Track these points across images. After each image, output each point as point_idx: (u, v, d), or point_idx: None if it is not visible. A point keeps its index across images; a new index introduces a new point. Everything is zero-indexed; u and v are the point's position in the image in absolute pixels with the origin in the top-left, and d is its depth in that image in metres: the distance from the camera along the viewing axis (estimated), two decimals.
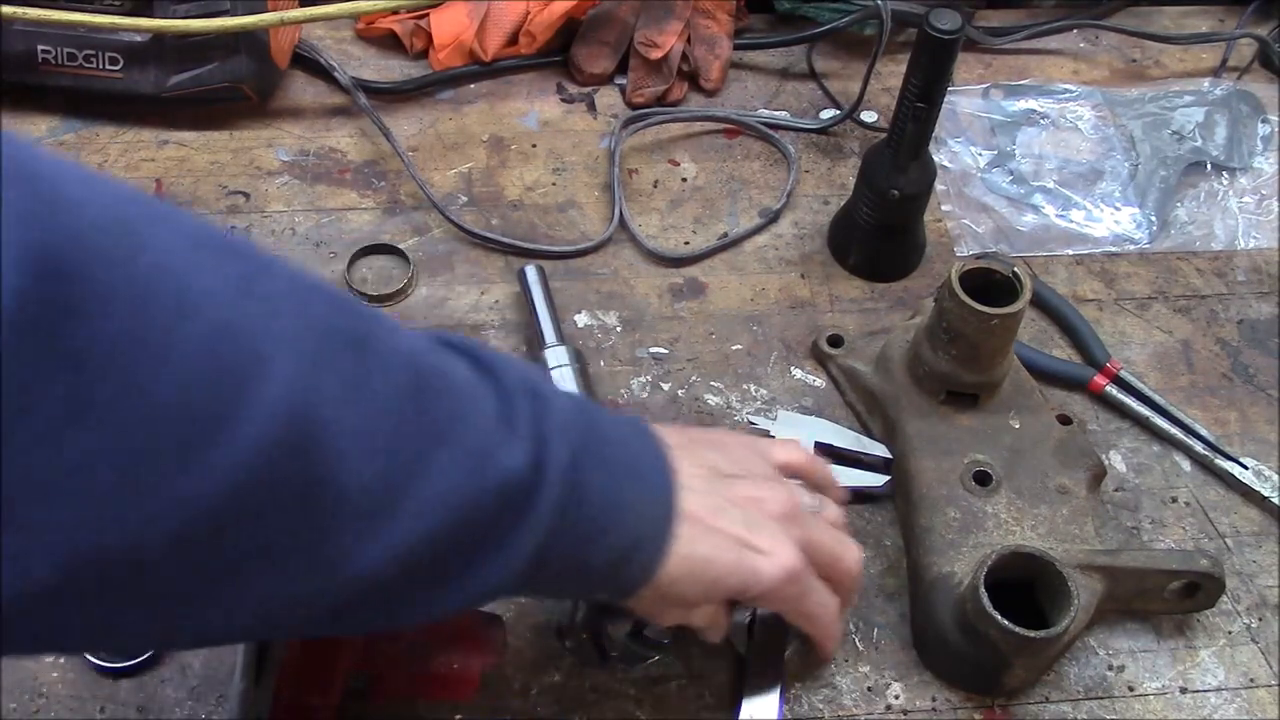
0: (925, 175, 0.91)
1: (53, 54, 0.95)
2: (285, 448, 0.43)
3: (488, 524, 0.52)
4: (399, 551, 0.49)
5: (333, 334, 0.47)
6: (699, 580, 0.63)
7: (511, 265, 0.94)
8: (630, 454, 0.62)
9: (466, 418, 0.52)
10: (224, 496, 0.42)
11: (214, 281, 0.43)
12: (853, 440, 0.85)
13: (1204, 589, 0.76)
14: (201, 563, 0.43)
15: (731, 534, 0.63)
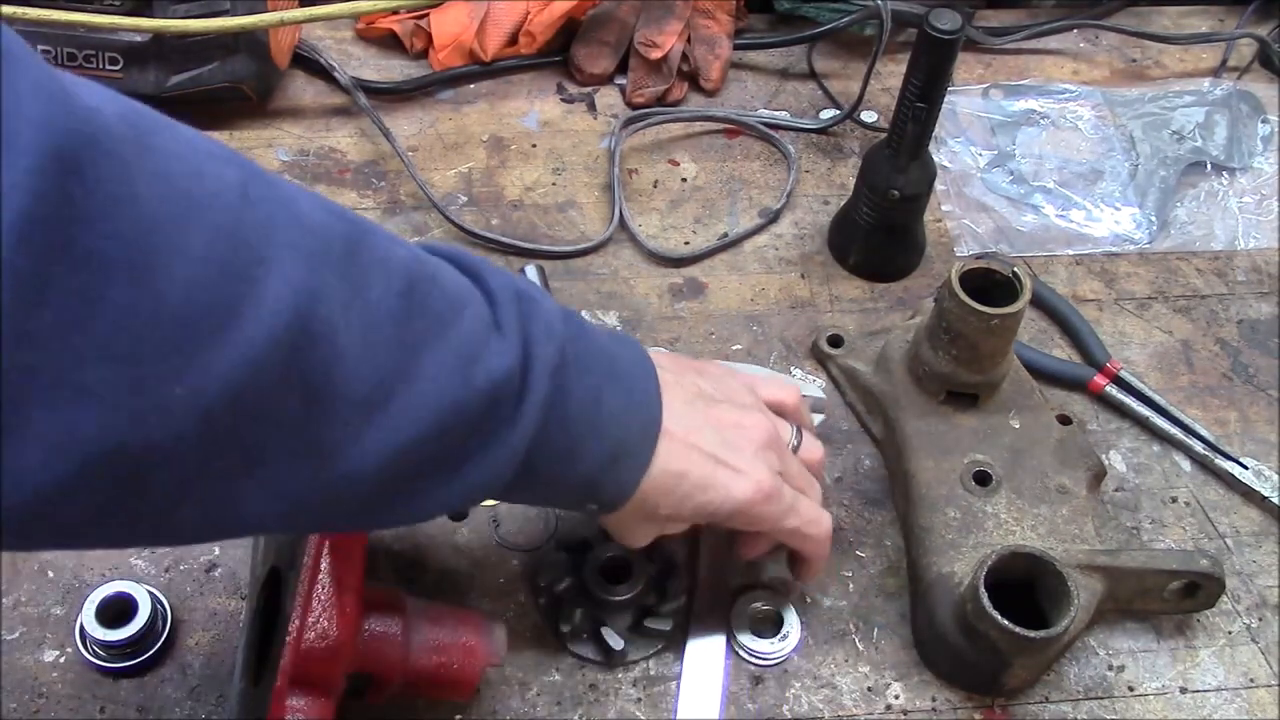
0: (925, 175, 0.91)
1: (53, 54, 0.95)
2: (288, 345, 0.45)
3: (476, 422, 0.54)
4: (393, 447, 0.50)
5: (330, 238, 0.49)
6: (671, 494, 0.64)
7: (511, 265, 0.94)
8: (618, 365, 0.63)
9: (457, 320, 0.54)
10: (232, 391, 0.43)
11: (216, 185, 0.45)
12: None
13: (1204, 589, 0.76)
14: (210, 455, 0.45)
15: (706, 451, 0.65)
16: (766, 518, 0.68)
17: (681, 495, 0.65)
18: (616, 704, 0.74)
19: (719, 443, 0.66)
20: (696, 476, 0.65)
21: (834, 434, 0.87)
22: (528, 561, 0.79)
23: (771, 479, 0.67)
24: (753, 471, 0.66)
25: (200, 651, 0.74)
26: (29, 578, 0.76)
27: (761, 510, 0.67)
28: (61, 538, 0.47)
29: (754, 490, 0.66)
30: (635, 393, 0.63)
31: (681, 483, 0.65)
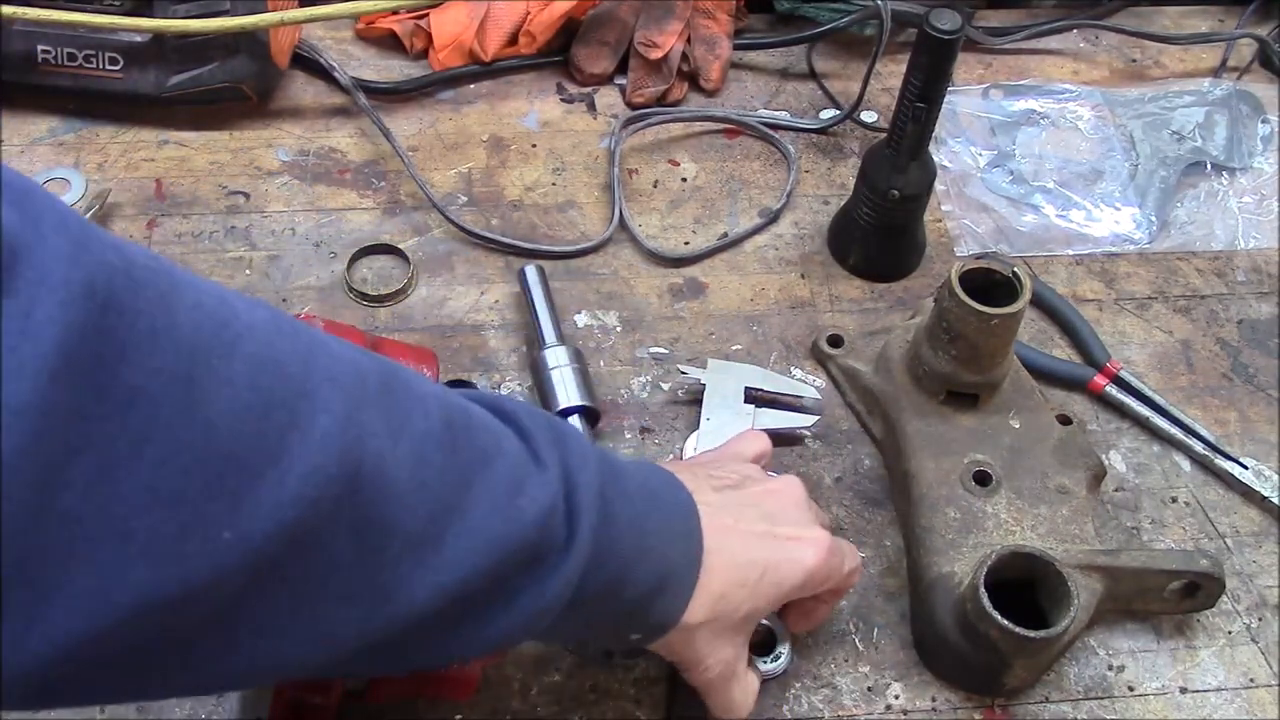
0: (925, 175, 0.91)
1: (53, 54, 0.95)
2: (338, 482, 0.43)
3: (526, 556, 0.52)
4: (445, 587, 0.49)
5: (364, 373, 0.47)
6: (745, 585, 0.64)
7: (511, 265, 0.94)
8: (647, 483, 0.62)
9: (499, 453, 0.52)
10: (282, 532, 0.41)
11: (250, 318, 0.43)
12: (785, 384, 0.87)
13: (1204, 589, 0.76)
14: (257, 602, 0.42)
15: (761, 532, 0.65)
16: (833, 573, 0.68)
17: (755, 582, 0.64)
18: (616, 704, 0.74)
19: (766, 518, 0.66)
20: (763, 559, 0.64)
21: (834, 434, 0.87)
22: None
23: (826, 534, 0.67)
24: (810, 533, 0.67)
25: None
26: None
27: (829, 567, 0.67)
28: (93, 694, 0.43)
29: (822, 550, 0.66)
30: (670, 506, 0.62)
31: (751, 570, 0.64)
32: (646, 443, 0.85)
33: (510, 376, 0.88)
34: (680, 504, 0.63)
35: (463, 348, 0.89)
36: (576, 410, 0.83)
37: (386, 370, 0.49)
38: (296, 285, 0.92)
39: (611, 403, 0.87)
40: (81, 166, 0.96)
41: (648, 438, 0.86)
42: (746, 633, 0.67)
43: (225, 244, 0.94)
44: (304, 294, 0.91)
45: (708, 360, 0.88)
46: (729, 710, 0.69)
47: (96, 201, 0.92)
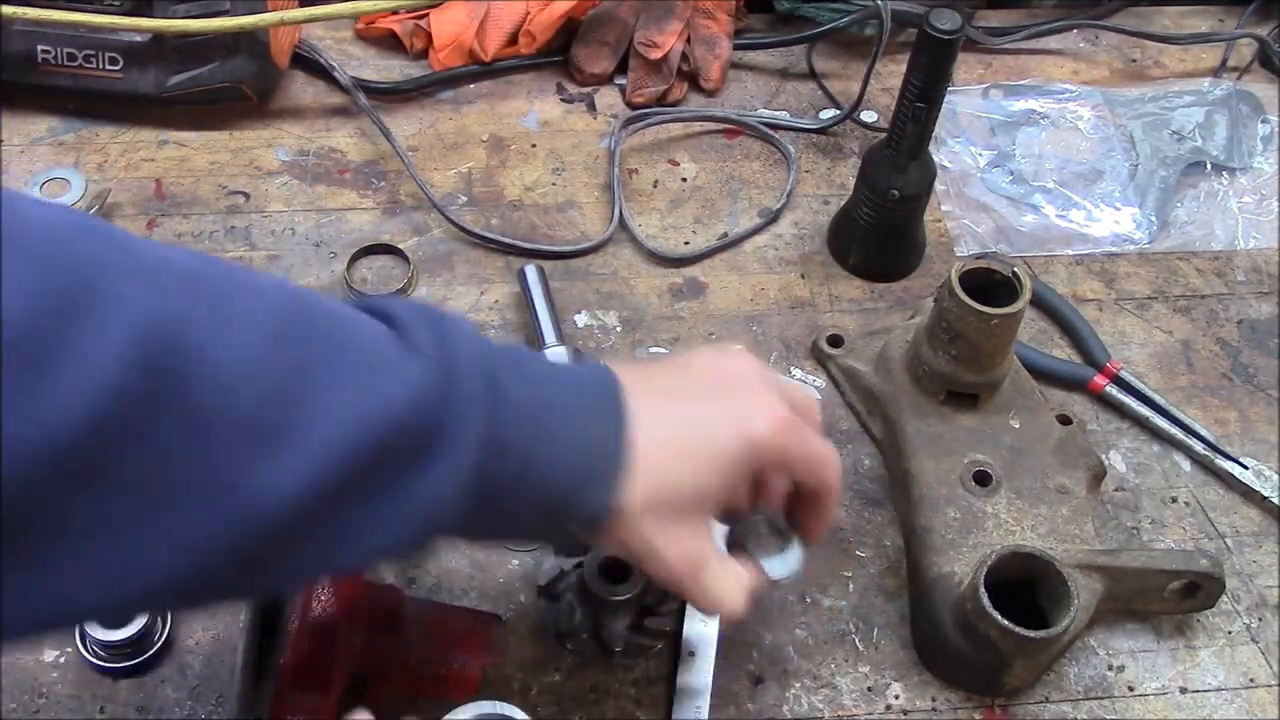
0: (925, 175, 0.91)
1: (53, 54, 0.95)
2: (147, 371, 0.42)
3: (402, 441, 0.49)
4: (305, 475, 0.46)
5: (193, 270, 0.46)
6: (686, 456, 0.58)
7: (511, 265, 0.94)
8: (555, 366, 0.60)
9: (352, 338, 0.50)
10: (88, 423, 0.41)
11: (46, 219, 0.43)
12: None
13: (1204, 589, 0.76)
14: (90, 498, 0.42)
15: (702, 400, 0.60)
16: (792, 445, 0.61)
17: (697, 454, 0.59)
18: (616, 704, 0.74)
19: (710, 387, 0.61)
20: (704, 428, 0.59)
21: (834, 434, 0.87)
22: (528, 562, 0.79)
23: (782, 405, 0.61)
24: (760, 399, 0.61)
25: (200, 651, 0.74)
26: None
27: (783, 436, 0.60)
28: None
29: (770, 417, 0.60)
30: (588, 385, 0.58)
31: (692, 441, 0.58)
32: None
33: None
34: (599, 381, 0.59)
35: None
36: None
37: (226, 271, 0.48)
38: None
39: None
40: (81, 166, 0.96)
41: None
42: (704, 515, 0.61)
43: (225, 244, 0.94)
44: None
45: None
46: (710, 604, 0.62)
47: (96, 201, 0.92)
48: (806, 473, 0.64)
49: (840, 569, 0.80)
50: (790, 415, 0.61)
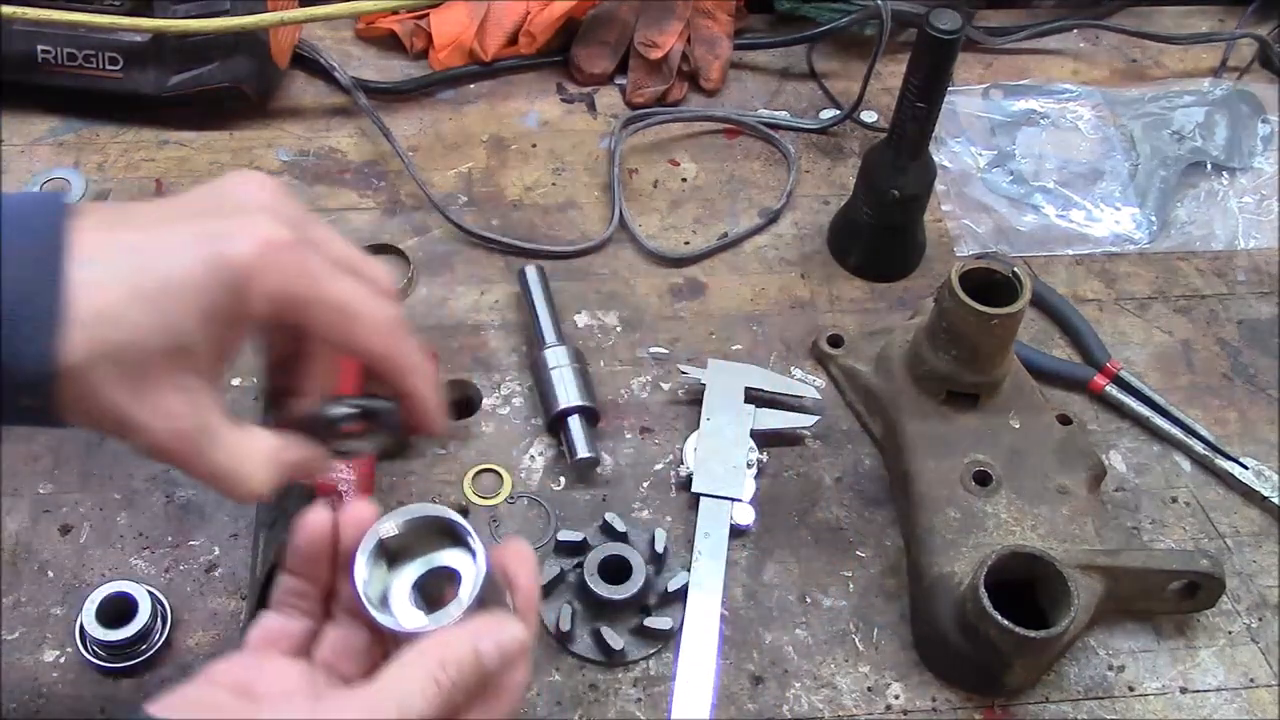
0: (925, 175, 0.91)
1: (53, 54, 0.95)
2: None
3: None
4: None
5: None
6: (145, 294, 0.48)
7: (511, 265, 0.94)
8: None
9: None
10: None
11: None
12: (785, 384, 0.87)
13: (1204, 589, 0.76)
14: None
15: (174, 229, 0.49)
16: (294, 282, 0.51)
17: (161, 293, 0.48)
18: (616, 704, 0.74)
19: (193, 215, 0.50)
20: (168, 260, 0.48)
21: (834, 434, 0.87)
22: None
23: (278, 227, 0.50)
24: (250, 219, 0.50)
25: (200, 651, 0.74)
26: (29, 578, 0.76)
27: (279, 268, 0.50)
28: None
29: (260, 240, 0.49)
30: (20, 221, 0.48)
31: (150, 277, 0.48)
32: (646, 443, 0.85)
33: (510, 376, 0.88)
34: (37, 211, 0.49)
35: (463, 348, 0.89)
36: (576, 410, 0.83)
37: None
38: None
39: (611, 403, 0.87)
40: (81, 166, 0.96)
41: (648, 438, 0.86)
42: (196, 374, 0.51)
43: None
44: None
45: (708, 360, 0.88)
46: (223, 484, 0.53)
47: None
48: (330, 323, 0.53)
49: (840, 569, 0.80)
50: (288, 237, 0.50)
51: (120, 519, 0.79)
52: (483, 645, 0.52)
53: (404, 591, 0.55)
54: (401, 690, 0.50)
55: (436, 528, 0.56)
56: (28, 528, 0.78)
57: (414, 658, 0.51)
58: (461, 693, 0.51)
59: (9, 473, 0.80)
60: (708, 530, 0.80)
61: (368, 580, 0.53)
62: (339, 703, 0.51)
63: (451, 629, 0.52)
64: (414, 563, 0.56)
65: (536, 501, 0.82)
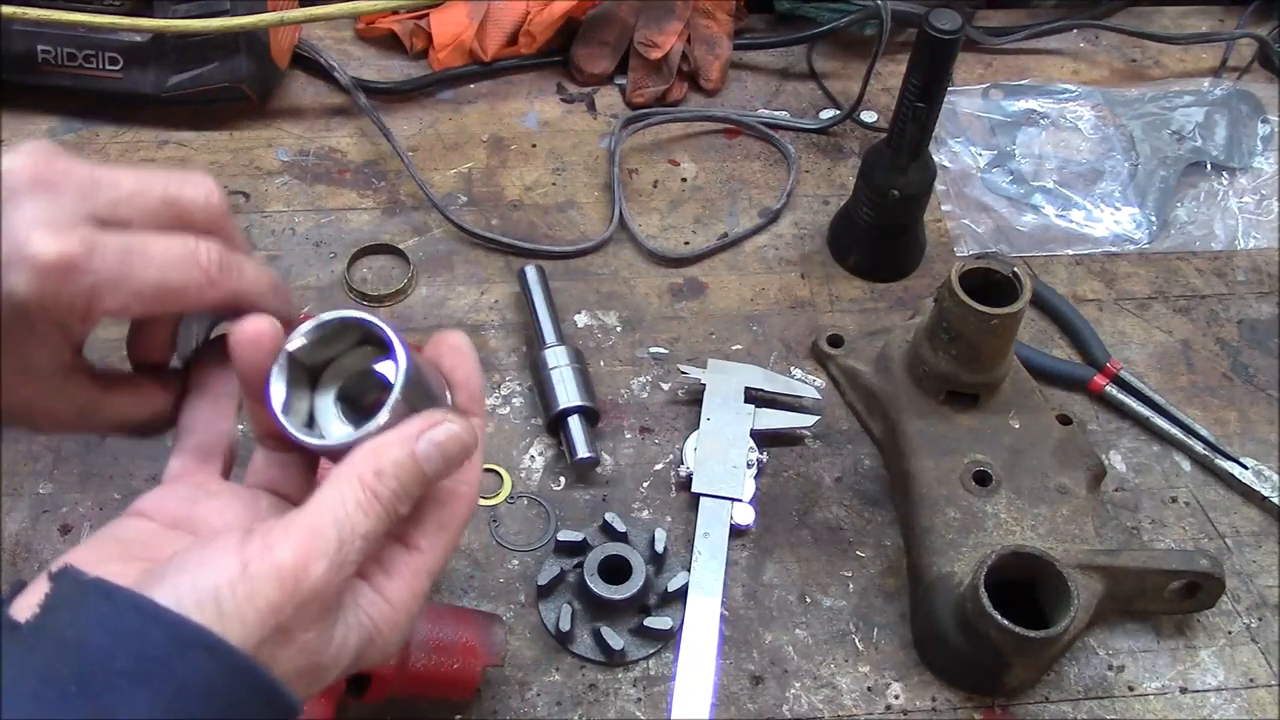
0: (925, 175, 0.91)
1: (53, 54, 0.95)
2: None
3: None
4: None
5: None
6: None
7: (511, 265, 0.94)
8: None
9: None
10: None
11: None
12: (785, 384, 0.87)
13: (1204, 589, 0.76)
14: None
15: None
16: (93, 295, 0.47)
17: None
18: (616, 704, 0.74)
19: None
20: None
21: (834, 434, 0.87)
22: (528, 561, 0.79)
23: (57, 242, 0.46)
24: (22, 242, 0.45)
25: None
26: (29, 578, 0.75)
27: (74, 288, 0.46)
28: None
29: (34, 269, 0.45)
30: None
31: None
32: (646, 443, 0.85)
33: (510, 376, 0.88)
34: None
35: None
36: (576, 410, 0.83)
37: None
38: (296, 285, 0.92)
39: (611, 403, 0.87)
40: None
41: (648, 438, 0.86)
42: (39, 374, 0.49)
43: None
44: (304, 294, 0.91)
45: (708, 360, 0.88)
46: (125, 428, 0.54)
47: None
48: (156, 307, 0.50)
49: (840, 569, 0.80)
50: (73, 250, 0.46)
51: None
52: (419, 445, 0.48)
53: (329, 407, 0.51)
54: (337, 508, 0.46)
55: (353, 334, 0.51)
56: (28, 528, 0.78)
57: (346, 471, 0.47)
58: (404, 500, 0.48)
59: (9, 473, 0.80)
60: (708, 530, 0.80)
61: (286, 400, 0.49)
62: (273, 535, 0.45)
63: (383, 436, 0.48)
64: (336, 377, 0.52)
65: (536, 501, 0.82)
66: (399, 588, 0.49)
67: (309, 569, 0.45)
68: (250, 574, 0.44)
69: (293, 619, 0.44)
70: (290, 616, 0.44)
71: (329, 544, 0.45)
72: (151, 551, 0.48)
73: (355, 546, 0.46)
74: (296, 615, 0.44)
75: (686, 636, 0.76)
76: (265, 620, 0.43)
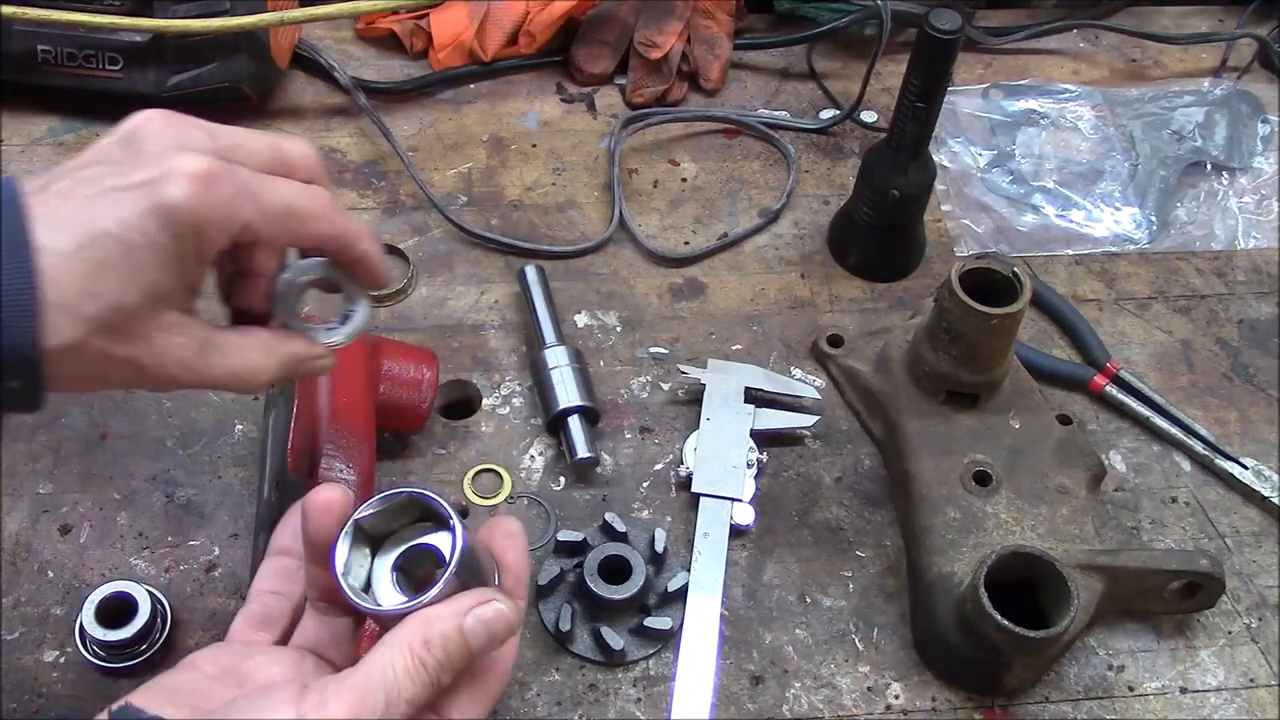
0: (925, 175, 0.91)
1: (53, 54, 0.95)
2: None
3: None
4: None
5: None
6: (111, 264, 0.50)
7: (511, 265, 0.94)
8: None
9: None
10: None
11: None
12: (785, 384, 0.87)
13: (1204, 589, 0.76)
14: None
15: (109, 188, 0.50)
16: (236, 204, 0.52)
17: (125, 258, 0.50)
18: (616, 704, 0.74)
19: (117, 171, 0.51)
20: (118, 222, 0.49)
21: (834, 434, 0.87)
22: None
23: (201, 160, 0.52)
24: (171, 162, 0.51)
25: None
26: (29, 578, 0.76)
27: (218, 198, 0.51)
28: None
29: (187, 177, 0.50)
30: None
31: (110, 245, 0.49)
32: (646, 443, 0.85)
33: (510, 376, 0.88)
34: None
35: (463, 347, 0.89)
36: (576, 410, 0.83)
37: None
38: None
39: (611, 403, 0.87)
40: None
41: (648, 438, 0.86)
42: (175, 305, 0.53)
43: None
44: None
45: (708, 360, 0.88)
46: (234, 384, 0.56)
47: None
48: (278, 230, 0.55)
49: (840, 569, 0.80)
50: (215, 167, 0.52)
51: (120, 519, 0.79)
52: (467, 621, 0.52)
53: (385, 575, 0.55)
54: (387, 672, 0.50)
55: (416, 510, 0.55)
56: (28, 528, 0.78)
57: (397, 638, 0.51)
58: (448, 671, 0.51)
59: (9, 473, 0.80)
60: (708, 530, 0.80)
61: (347, 564, 0.53)
62: (327, 692, 0.50)
63: (435, 608, 0.52)
64: (395, 547, 0.56)
65: (536, 501, 0.82)
66: None
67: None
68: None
69: None
70: None
71: (378, 705, 0.49)
72: (199, 700, 0.51)
73: (400, 710, 0.50)
74: None
75: (686, 636, 0.76)
76: None
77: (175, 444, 0.82)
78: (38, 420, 0.82)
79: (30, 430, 0.82)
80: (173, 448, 0.82)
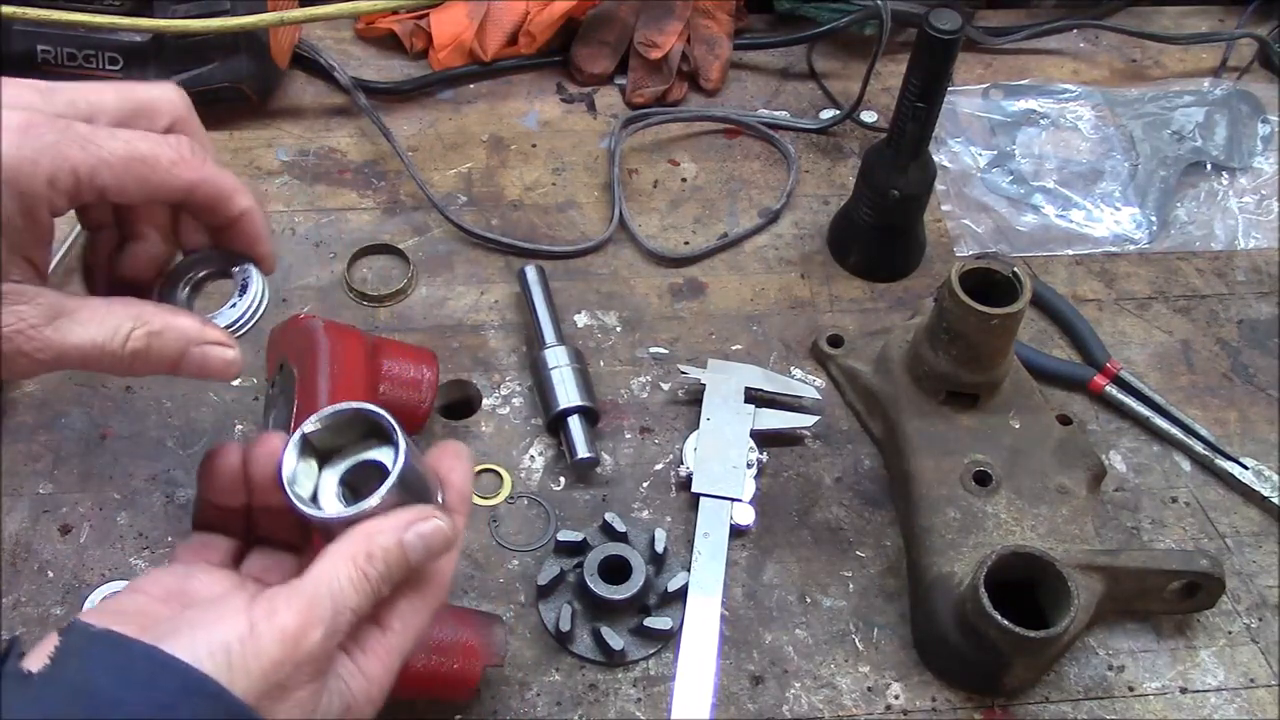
0: (925, 175, 0.91)
1: (53, 54, 0.95)
2: None
3: None
4: None
5: None
6: None
7: (511, 265, 0.94)
8: None
9: None
10: None
11: None
12: (785, 384, 0.87)
13: (1204, 589, 0.76)
14: None
15: None
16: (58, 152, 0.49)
17: None
18: (616, 704, 0.74)
19: None
20: None
21: (834, 434, 0.87)
22: (528, 562, 0.79)
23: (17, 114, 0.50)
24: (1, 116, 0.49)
25: None
26: (29, 578, 0.76)
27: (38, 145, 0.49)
28: None
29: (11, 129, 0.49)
30: None
31: None
32: (646, 442, 0.85)
33: (510, 376, 0.88)
34: None
35: (463, 348, 0.89)
36: (576, 410, 0.83)
37: None
38: (296, 285, 0.92)
39: (611, 403, 0.87)
40: None
41: (648, 438, 0.86)
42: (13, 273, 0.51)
43: None
44: (304, 294, 0.91)
45: (708, 360, 0.88)
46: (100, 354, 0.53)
47: None
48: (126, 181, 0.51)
49: (840, 569, 0.80)
50: (34, 118, 0.49)
51: (120, 519, 0.79)
52: (407, 536, 0.53)
53: (331, 489, 0.56)
54: (333, 582, 0.51)
55: (363, 426, 0.56)
56: (28, 528, 0.78)
57: (341, 549, 0.52)
58: (387, 583, 0.53)
59: (9, 473, 0.80)
60: (708, 530, 0.80)
61: (294, 474, 0.54)
62: (277, 600, 0.50)
63: (376, 522, 0.53)
64: (342, 461, 0.57)
65: (536, 501, 0.82)
66: (373, 663, 0.54)
67: (308, 633, 0.50)
68: (257, 633, 0.49)
69: (290, 677, 0.49)
70: (289, 675, 0.49)
71: (325, 612, 0.51)
72: (145, 620, 0.51)
73: (345, 618, 0.51)
74: (294, 674, 0.49)
75: (686, 636, 0.76)
76: (267, 676, 0.48)
77: (175, 444, 0.82)
78: (38, 420, 0.82)
79: (30, 430, 0.82)
80: (173, 448, 0.82)
